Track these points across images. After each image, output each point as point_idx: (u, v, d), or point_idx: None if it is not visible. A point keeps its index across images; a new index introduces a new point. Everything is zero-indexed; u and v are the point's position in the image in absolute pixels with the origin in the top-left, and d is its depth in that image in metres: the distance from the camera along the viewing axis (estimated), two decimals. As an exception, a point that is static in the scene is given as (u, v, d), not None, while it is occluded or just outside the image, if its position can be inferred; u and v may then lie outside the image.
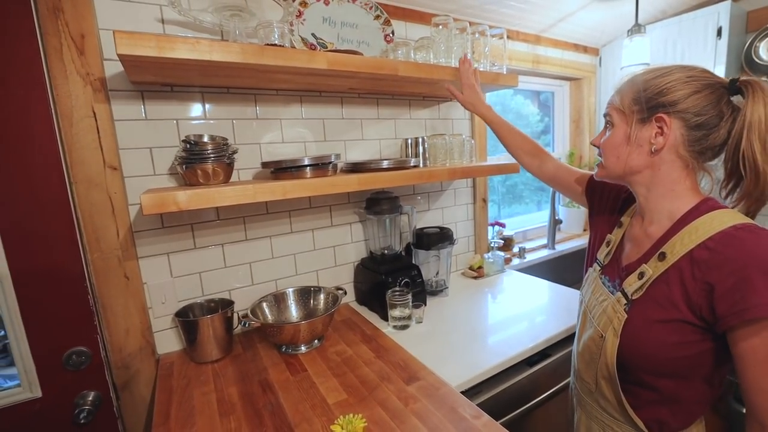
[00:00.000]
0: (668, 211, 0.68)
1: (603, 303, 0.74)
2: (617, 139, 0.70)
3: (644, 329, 0.65)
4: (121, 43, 0.72)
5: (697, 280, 0.60)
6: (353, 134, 1.40)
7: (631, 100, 0.68)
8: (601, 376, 0.74)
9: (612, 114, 0.71)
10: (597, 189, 0.92)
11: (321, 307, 1.22)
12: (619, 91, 0.71)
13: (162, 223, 1.08)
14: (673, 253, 0.64)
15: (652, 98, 0.65)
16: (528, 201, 2.39)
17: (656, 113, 0.65)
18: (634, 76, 0.70)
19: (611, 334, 0.70)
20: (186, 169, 0.96)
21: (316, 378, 0.95)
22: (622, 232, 0.80)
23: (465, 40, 1.29)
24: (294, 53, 0.90)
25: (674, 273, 0.63)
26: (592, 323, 0.76)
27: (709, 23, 1.70)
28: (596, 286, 0.79)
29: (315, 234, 1.36)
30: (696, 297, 0.60)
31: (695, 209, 0.65)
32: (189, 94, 1.08)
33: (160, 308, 1.09)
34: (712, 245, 0.59)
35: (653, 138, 0.66)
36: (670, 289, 0.63)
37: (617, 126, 0.70)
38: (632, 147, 0.68)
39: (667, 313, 0.63)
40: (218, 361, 1.05)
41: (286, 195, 0.96)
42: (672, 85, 0.64)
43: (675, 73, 0.65)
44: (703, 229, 0.61)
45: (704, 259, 0.59)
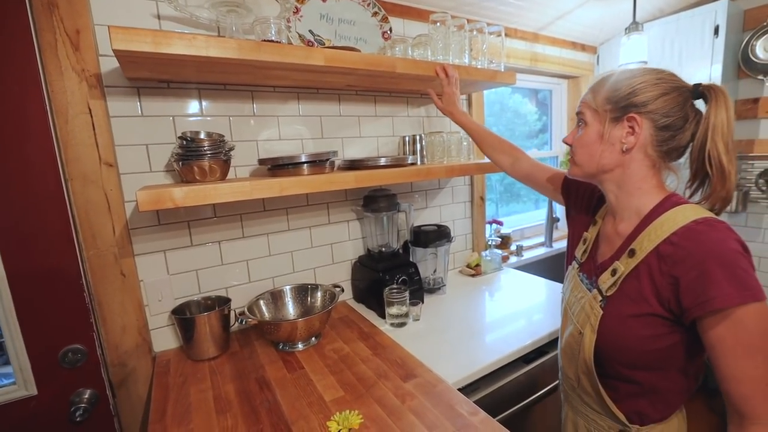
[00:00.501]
0: (636, 208, 0.70)
1: (581, 300, 0.76)
2: (590, 137, 0.71)
3: (619, 324, 0.67)
4: (117, 38, 0.71)
5: (664, 274, 0.62)
6: (351, 131, 1.39)
7: (604, 99, 0.69)
8: (581, 372, 0.75)
9: (585, 112, 0.73)
10: (572, 187, 0.93)
11: (318, 305, 1.21)
12: (593, 90, 0.72)
13: (158, 221, 1.08)
14: (641, 249, 0.66)
15: (624, 98, 0.67)
16: (526, 200, 2.39)
17: (628, 113, 0.66)
18: (606, 77, 0.72)
19: (589, 330, 0.71)
20: (182, 165, 0.96)
21: (313, 375, 0.95)
22: (597, 230, 0.81)
23: (463, 37, 1.28)
24: (291, 49, 0.90)
25: (644, 268, 0.65)
26: (572, 320, 0.78)
27: (706, 21, 1.70)
28: (575, 283, 0.81)
29: (312, 231, 1.36)
30: (664, 291, 0.62)
31: (660, 205, 0.68)
32: (185, 91, 1.08)
33: (156, 306, 1.09)
34: (676, 240, 0.61)
35: (624, 137, 0.68)
36: (641, 284, 0.65)
37: (590, 124, 0.71)
38: (605, 145, 0.69)
39: (639, 308, 0.64)
40: (215, 359, 1.05)
41: (283, 192, 0.96)
42: (643, 86, 0.66)
43: (645, 75, 0.67)
44: (667, 225, 0.63)
45: (669, 253, 0.61)
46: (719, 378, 0.59)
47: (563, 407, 0.88)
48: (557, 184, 0.98)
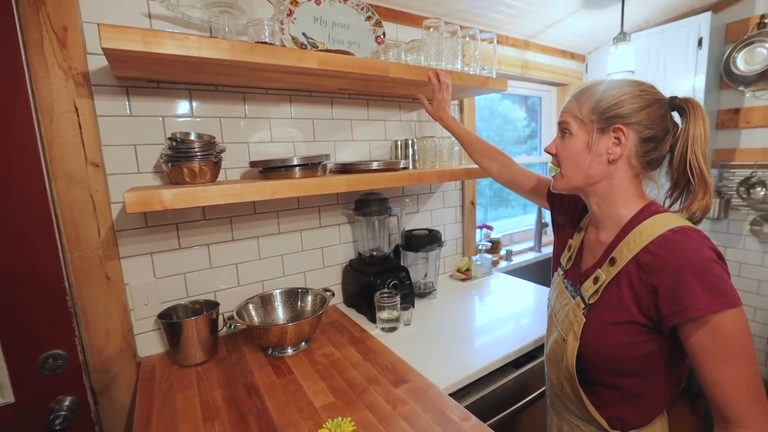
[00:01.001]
0: (617, 217, 0.71)
1: (566, 307, 0.77)
2: (576, 147, 0.71)
3: (600, 331, 0.68)
4: (106, 36, 0.70)
5: (643, 282, 0.63)
6: (343, 135, 1.39)
7: (590, 109, 0.69)
8: (564, 378, 0.76)
9: (570, 122, 0.72)
10: (558, 195, 0.94)
11: (308, 309, 1.20)
12: (577, 99, 0.72)
13: (146, 223, 1.06)
14: (621, 258, 0.67)
15: (609, 109, 0.67)
16: (515, 204, 2.41)
17: (614, 123, 0.67)
18: (589, 86, 0.72)
19: (572, 338, 0.72)
20: (172, 167, 0.94)
21: (303, 381, 0.94)
22: (581, 238, 0.82)
23: (456, 43, 1.29)
24: (284, 52, 0.89)
25: (624, 276, 0.66)
26: (556, 327, 0.78)
27: (690, 33, 1.75)
28: (560, 290, 0.82)
29: (303, 235, 1.35)
30: (644, 299, 0.63)
31: (639, 214, 0.69)
32: (176, 91, 1.06)
33: (142, 310, 1.06)
34: (654, 249, 0.62)
35: (611, 148, 0.68)
36: (621, 292, 0.66)
37: (576, 135, 0.71)
38: (592, 155, 0.70)
39: (620, 315, 0.65)
40: (202, 364, 1.03)
41: (275, 195, 0.95)
42: (626, 97, 0.67)
43: (628, 86, 0.68)
44: (646, 233, 0.64)
45: (647, 262, 0.62)
46: (703, 383, 0.60)
47: (548, 412, 0.89)
48: (543, 190, 1.00)
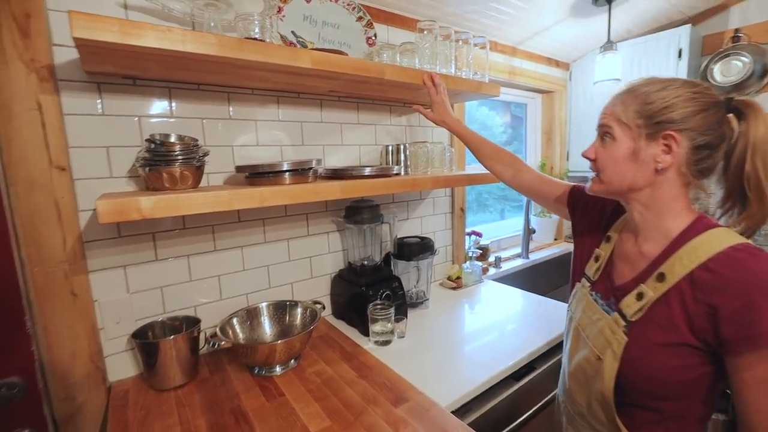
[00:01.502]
0: (665, 230, 0.66)
1: (598, 323, 0.72)
2: (621, 154, 0.66)
3: (646, 352, 0.63)
4: (78, 25, 0.62)
5: (699, 302, 0.58)
6: (332, 139, 1.33)
7: (635, 112, 0.64)
8: (594, 399, 0.71)
9: (613, 126, 0.67)
10: (580, 201, 0.90)
11: (298, 323, 1.13)
12: (621, 101, 0.67)
13: (118, 232, 0.96)
14: (672, 274, 0.62)
15: (659, 113, 0.62)
16: (492, 210, 2.40)
17: (664, 129, 0.62)
18: (636, 86, 0.67)
19: (610, 357, 0.67)
20: (150, 171, 0.86)
21: (296, 403, 0.87)
22: (611, 248, 0.78)
23: (449, 47, 1.27)
24: (277, 49, 0.83)
25: (675, 295, 0.61)
26: (586, 343, 0.73)
27: (671, 44, 1.80)
28: (588, 303, 0.77)
29: (290, 244, 1.27)
30: (699, 320, 0.58)
31: (691, 228, 0.64)
32: (154, 89, 0.98)
33: (113, 329, 0.97)
34: (713, 266, 0.58)
35: (659, 156, 0.63)
36: (671, 311, 0.61)
37: (620, 140, 0.66)
38: (637, 163, 0.64)
39: (669, 336, 0.61)
40: (182, 387, 0.94)
41: (264, 203, 0.88)
42: (678, 100, 0.61)
43: (680, 88, 0.62)
44: (702, 249, 0.60)
45: (706, 280, 0.58)
46: (743, 409, 0.57)
47: (566, 429, 0.83)
48: (562, 197, 0.94)
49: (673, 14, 1.91)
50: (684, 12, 1.92)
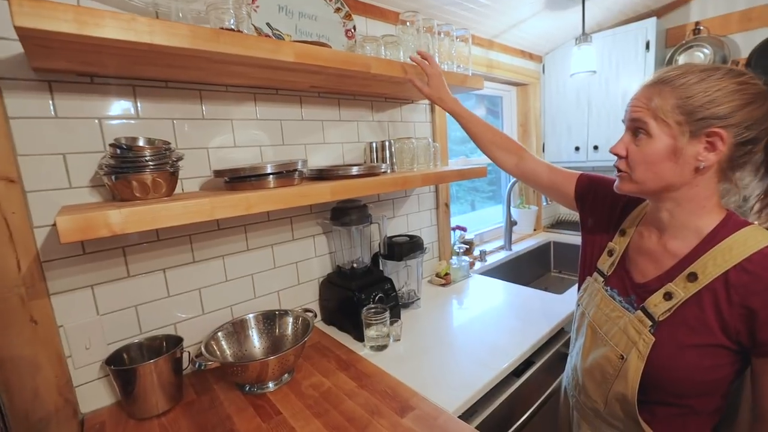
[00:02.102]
0: (696, 228, 0.64)
1: (619, 321, 0.70)
2: (658, 153, 0.60)
3: (676, 353, 0.61)
4: (21, 12, 0.53)
5: (734, 304, 0.57)
6: (314, 137, 1.27)
7: (674, 106, 0.58)
8: (614, 398, 0.69)
9: (648, 121, 0.61)
10: (589, 192, 0.86)
11: (289, 334, 1.07)
12: (658, 92, 0.60)
13: (83, 249, 0.86)
14: (705, 274, 0.60)
15: (701, 108, 0.57)
16: (463, 201, 2.40)
17: (708, 127, 0.57)
18: (669, 77, 0.60)
19: (635, 357, 0.65)
20: (116, 180, 0.77)
21: (295, 421, 0.81)
22: (626, 242, 0.76)
23: (433, 40, 1.23)
24: (257, 41, 0.76)
25: (707, 295, 0.59)
26: (605, 341, 0.71)
27: (639, 37, 1.85)
28: (602, 298, 0.75)
29: (275, 250, 1.20)
30: (733, 322, 0.57)
31: (723, 226, 0.61)
32: (116, 87, 0.88)
33: (83, 356, 0.87)
34: (752, 268, 0.56)
35: (701, 154, 0.58)
36: (704, 313, 0.59)
37: (657, 138, 0.60)
38: (677, 162, 0.60)
39: (701, 338, 0.59)
40: (166, 414, 0.86)
41: (250, 210, 0.81)
42: (722, 93, 0.57)
43: (724, 79, 0.57)
44: (737, 250, 0.58)
45: (743, 282, 0.56)
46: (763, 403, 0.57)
47: (578, 424, 0.82)
48: (569, 188, 0.89)
49: (639, 7, 1.97)
50: (649, 5, 1.97)
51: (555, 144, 2.28)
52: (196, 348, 1.02)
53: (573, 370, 0.83)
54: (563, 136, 2.23)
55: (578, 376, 0.80)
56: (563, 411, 0.91)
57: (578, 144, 2.16)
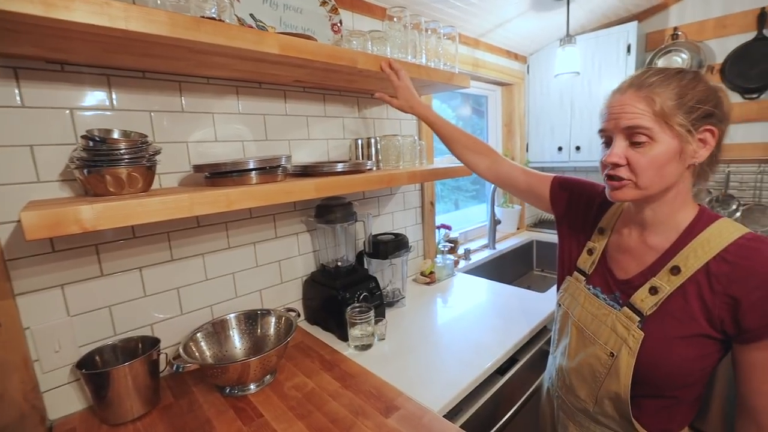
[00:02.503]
0: (675, 223, 0.66)
1: (606, 319, 0.70)
2: (665, 156, 0.61)
3: (665, 346, 0.63)
4: (-18, -8, 0.49)
5: (717, 293, 0.59)
6: (298, 133, 1.24)
7: (672, 108, 0.60)
8: (605, 396, 0.70)
9: (651, 126, 0.60)
10: (564, 193, 0.88)
11: (271, 334, 1.04)
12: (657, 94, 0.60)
13: (52, 246, 0.82)
14: (687, 267, 0.62)
15: (695, 108, 0.60)
16: (447, 200, 2.41)
17: (703, 125, 0.60)
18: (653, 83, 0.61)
19: (626, 354, 0.66)
20: (89, 173, 0.73)
21: (277, 424, 0.79)
22: (605, 240, 0.77)
23: (419, 36, 1.22)
24: (240, 32, 0.73)
25: (691, 287, 0.61)
26: (593, 340, 0.72)
27: (620, 40, 1.89)
28: (586, 297, 0.76)
29: (257, 248, 1.17)
30: (717, 311, 0.59)
31: (698, 220, 0.65)
32: (88, 77, 0.83)
33: (51, 359, 0.82)
34: (731, 258, 0.58)
35: (697, 152, 0.62)
36: (689, 304, 0.61)
37: (661, 141, 0.60)
38: (681, 161, 0.62)
39: (687, 328, 0.61)
40: (142, 418, 0.83)
41: (232, 206, 0.78)
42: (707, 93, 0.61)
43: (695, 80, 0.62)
44: (715, 241, 0.61)
45: (724, 272, 0.59)
46: (745, 391, 0.59)
47: (564, 425, 0.82)
48: (545, 190, 0.91)
49: (620, 11, 2.01)
50: (630, 9, 2.02)
51: (538, 144, 2.31)
52: (174, 349, 0.98)
53: (558, 371, 0.83)
54: (546, 136, 2.26)
55: (565, 376, 0.80)
56: (546, 411, 0.91)
57: (561, 144, 2.20)
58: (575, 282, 0.80)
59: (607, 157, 0.65)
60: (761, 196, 1.88)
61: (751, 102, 1.87)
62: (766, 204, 1.87)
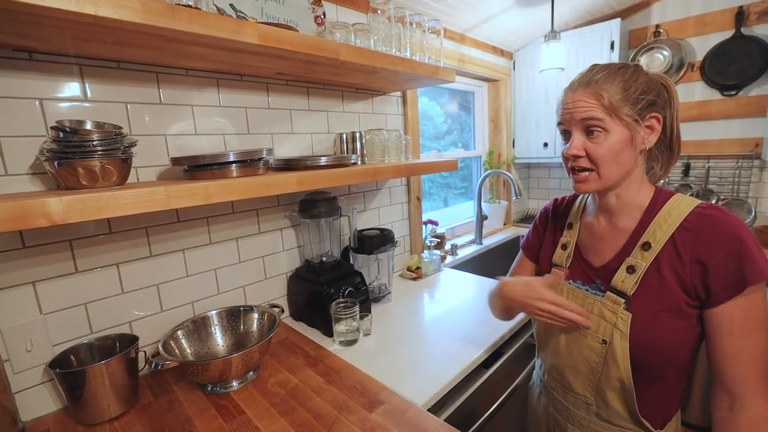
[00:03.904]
0: (638, 203, 0.70)
1: (592, 308, 0.71)
2: (619, 144, 0.65)
3: (652, 322, 0.64)
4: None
5: (686, 262, 0.62)
6: (281, 127, 1.22)
7: (620, 101, 0.64)
8: (608, 387, 0.70)
9: (603, 118, 0.64)
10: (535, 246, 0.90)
11: (254, 330, 1.03)
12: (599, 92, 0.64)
13: (22, 242, 0.79)
14: (656, 241, 0.65)
15: (639, 98, 0.65)
16: (436, 197, 2.42)
17: (650, 113, 0.66)
18: (599, 78, 0.65)
19: (618, 338, 0.66)
20: (60, 166, 0.70)
21: (259, 421, 0.78)
22: (576, 234, 0.80)
23: (404, 30, 1.21)
24: (217, 20, 0.72)
25: (664, 259, 0.64)
26: (583, 331, 0.72)
27: (604, 37, 1.92)
28: (569, 291, 0.76)
29: (240, 243, 1.15)
30: (688, 277, 0.62)
31: (657, 198, 0.70)
32: (59, 66, 0.81)
33: (23, 359, 0.80)
34: (692, 226, 0.62)
35: (646, 138, 0.67)
36: (663, 276, 0.64)
37: (613, 132, 0.64)
38: (633, 149, 0.66)
39: (668, 301, 0.64)
40: (120, 418, 0.81)
41: (210, 200, 0.76)
42: (648, 84, 0.66)
43: (637, 72, 0.66)
44: (675, 214, 0.65)
45: (688, 240, 0.62)
46: (716, 358, 0.61)
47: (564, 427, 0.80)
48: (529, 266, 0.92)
49: (604, 8, 2.03)
50: (613, 6, 2.04)
51: (524, 140, 2.33)
52: (154, 348, 0.96)
53: (550, 371, 0.82)
54: (532, 131, 2.28)
55: (559, 375, 0.79)
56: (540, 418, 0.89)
57: (547, 140, 2.22)
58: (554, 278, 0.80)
59: (568, 150, 0.69)
60: (738, 191, 1.93)
61: (730, 99, 1.92)
62: (743, 198, 1.92)
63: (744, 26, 1.83)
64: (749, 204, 1.90)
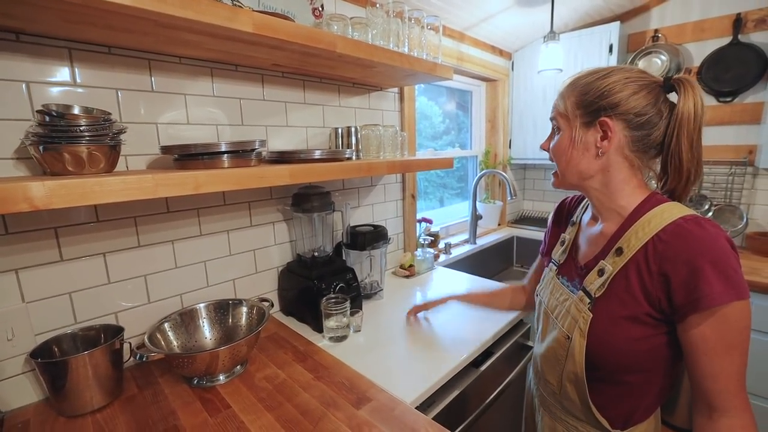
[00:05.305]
0: (620, 208, 0.69)
1: (565, 303, 0.73)
2: (564, 143, 0.71)
3: (610, 326, 0.64)
4: None
5: (653, 272, 0.61)
6: (276, 119, 1.21)
7: (574, 104, 0.68)
8: (567, 379, 0.72)
9: (557, 119, 0.72)
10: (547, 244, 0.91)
11: (243, 324, 1.02)
12: (562, 95, 0.71)
13: (5, 228, 0.77)
14: (629, 248, 0.64)
15: (594, 101, 0.65)
16: (432, 197, 2.41)
17: (599, 117, 0.65)
18: (575, 79, 0.70)
19: (578, 335, 0.68)
20: (45, 151, 0.68)
21: (245, 415, 0.77)
22: (575, 231, 0.81)
23: (402, 25, 1.20)
24: (210, 5, 0.70)
25: (633, 266, 0.63)
26: (555, 324, 0.74)
27: (603, 39, 1.92)
28: (555, 286, 0.78)
29: (231, 236, 1.14)
30: (654, 289, 0.61)
31: (644, 204, 0.67)
32: (47, 48, 0.79)
33: (3, 348, 0.78)
34: (665, 237, 0.60)
35: (599, 142, 0.67)
36: (630, 283, 0.63)
37: (563, 131, 0.71)
38: (578, 151, 0.69)
39: (630, 309, 0.63)
40: (102, 410, 0.79)
41: (199, 189, 0.75)
42: (612, 86, 0.64)
43: (614, 74, 0.65)
44: (655, 222, 0.62)
45: (659, 251, 0.60)
46: (695, 375, 0.60)
47: (538, 412, 0.84)
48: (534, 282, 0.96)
49: (604, 11, 2.03)
50: (613, 9, 2.04)
51: (521, 140, 2.33)
52: (140, 339, 0.95)
53: (534, 357, 0.85)
54: (529, 132, 2.28)
55: (538, 362, 0.82)
56: (528, 402, 0.93)
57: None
58: (549, 273, 0.83)
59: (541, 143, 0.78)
60: (731, 197, 1.95)
61: (725, 105, 1.93)
62: (735, 204, 1.94)
63: (741, 33, 1.84)
64: (741, 210, 1.92)
